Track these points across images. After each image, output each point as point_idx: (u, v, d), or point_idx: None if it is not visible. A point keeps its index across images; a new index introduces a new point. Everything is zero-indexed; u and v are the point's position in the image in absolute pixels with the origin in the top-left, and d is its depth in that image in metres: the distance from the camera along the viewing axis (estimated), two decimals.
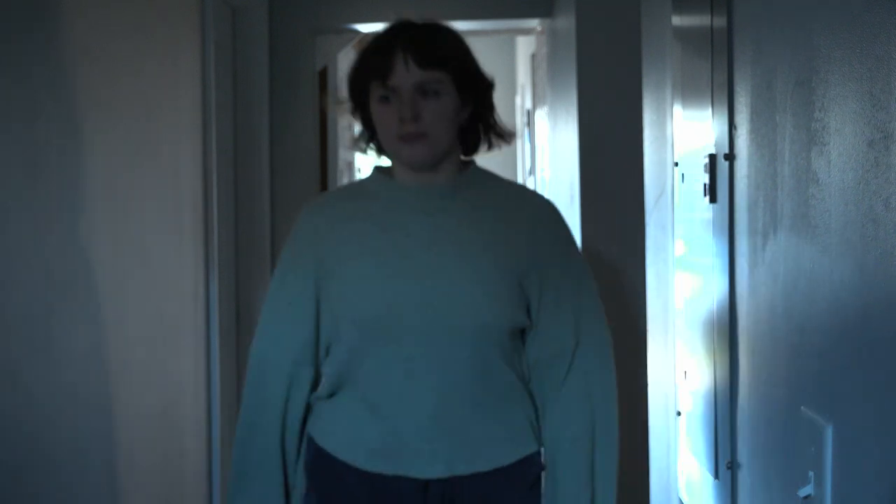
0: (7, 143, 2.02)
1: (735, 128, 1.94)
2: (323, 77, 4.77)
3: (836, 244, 1.38)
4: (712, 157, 2.08)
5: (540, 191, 5.73)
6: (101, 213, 2.52)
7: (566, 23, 4.12)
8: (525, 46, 7.48)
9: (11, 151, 2.04)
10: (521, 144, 7.53)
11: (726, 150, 1.98)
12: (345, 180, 5.14)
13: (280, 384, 1.91)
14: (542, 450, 1.92)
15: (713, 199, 2.09)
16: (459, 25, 4.87)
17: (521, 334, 1.89)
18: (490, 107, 1.91)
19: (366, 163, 5.94)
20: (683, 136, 2.45)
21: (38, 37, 2.18)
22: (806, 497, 1.48)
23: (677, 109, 2.52)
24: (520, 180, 7.89)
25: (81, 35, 2.40)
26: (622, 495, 1.93)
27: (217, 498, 3.54)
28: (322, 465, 1.89)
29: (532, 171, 6.28)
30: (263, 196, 4.39)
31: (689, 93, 2.36)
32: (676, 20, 2.51)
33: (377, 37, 1.84)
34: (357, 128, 1.95)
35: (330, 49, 4.69)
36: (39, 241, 2.17)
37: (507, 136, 1.93)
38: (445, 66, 1.80)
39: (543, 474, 1.94)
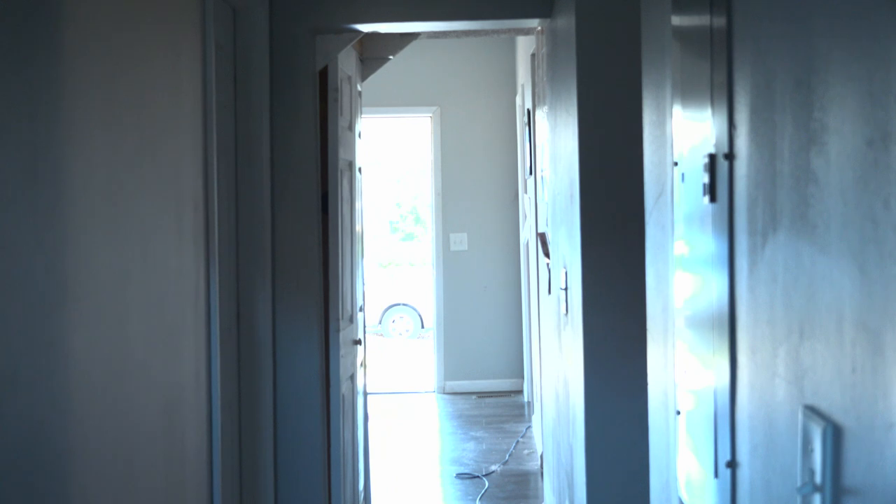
0: (7, 143, 2.02)
1: (734, 127, 1.94)
2: (323, 77, 4.77)
3: (836, 243, 1.38)
4: (712, 157, 2.08)
5: (540, 190, 5.72)
6: (101, 212, 2.52)
7: (566, 22, 4.12)
8: (525, 46, 7.48)
9: (11, 151, 2.04)
10: (521, 144, 7.52)
11: (726, 150, 1.98)
12: (345, 180, 5.13)
13: None
14: None
15: (713, 199, 2.09)
16: (460, 26, 4.89)
17: None
18: None
19: (367, 163, 5.93)
20: (683, 135, 2.45)
21: (37, 36, 2.18)
22: (805, 496, 1.48)
23: (677, 109, 2.52)
24: (520, 180, 7.88)
25: (81, 35, 2.40)
26: (623, 494, 1.93)
27: (217, 497, 3.54)
28: None
29: (532, 171, 6.28)
30: (263, 196, 4.39)
31: (688, 92, 2.37)
32: (676, 20, 2.51)
33: None
34: None
35: (330, 49, 4.69)
36: (39, 241, 2.17)
37: None
38: None
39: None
